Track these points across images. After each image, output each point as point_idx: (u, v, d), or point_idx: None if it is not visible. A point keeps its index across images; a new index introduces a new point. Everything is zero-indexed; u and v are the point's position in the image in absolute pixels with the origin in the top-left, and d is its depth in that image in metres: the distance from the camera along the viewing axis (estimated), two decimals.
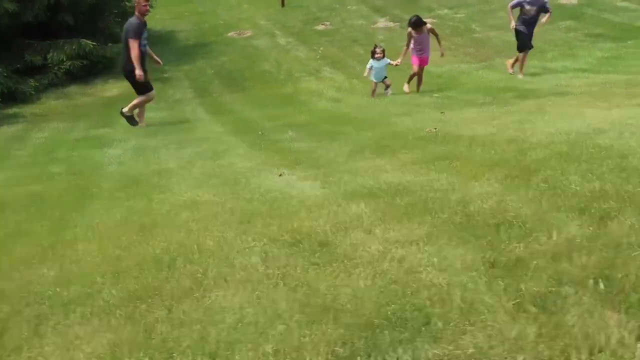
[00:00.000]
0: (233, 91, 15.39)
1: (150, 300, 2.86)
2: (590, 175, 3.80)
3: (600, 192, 3.39)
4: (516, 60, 13.27)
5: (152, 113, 13.02)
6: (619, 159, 4.10)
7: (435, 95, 11.78)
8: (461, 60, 16.39)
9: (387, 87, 12.80)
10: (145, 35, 10.40)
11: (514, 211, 3.29)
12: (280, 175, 6.01)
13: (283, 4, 21.25)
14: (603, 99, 8.49)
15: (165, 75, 16.64)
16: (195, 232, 3.91)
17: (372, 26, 19.48)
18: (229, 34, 19.25)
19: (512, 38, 13.76)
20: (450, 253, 2.83)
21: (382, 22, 19.69)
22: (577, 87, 10.34)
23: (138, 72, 10.19)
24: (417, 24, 12.14)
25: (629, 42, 16.71)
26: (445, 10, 20.45)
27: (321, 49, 17.74)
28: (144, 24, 10.45)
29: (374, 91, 12.90)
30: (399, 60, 12.57)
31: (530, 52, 13.75)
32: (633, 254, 2.45)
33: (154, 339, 2.47)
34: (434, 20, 19.57)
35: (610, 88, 10.05)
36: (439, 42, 12.51)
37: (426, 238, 3.09)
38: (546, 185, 3.74)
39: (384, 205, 3.92)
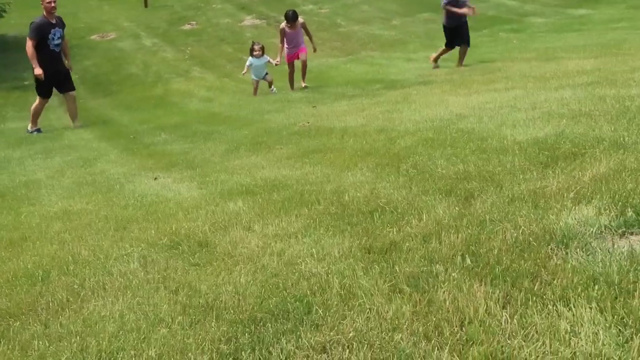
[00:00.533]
0: (99, 96, 14.90)
1: (24, 317, 2.74)
2: (454, 158, 3.99)
3: (464, 174, 3.57)
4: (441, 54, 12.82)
5: (14, 123, 12.40)
6: (479, 142, 4.33)
7: (306, 90, 11.92)
8: (328, 54, 16.67)
9: (271, 84, 12.55)
10: (57, 34, 10.12)
11: (386, 197, 3.41)
12: (155, 178, 5.91)
13: (146, 5, 20.78)
14: (463, 86, 8.90)
15: (26, 83, 15.86)
16: (69, 243, 3.78)
17: (239, 24, 19.44)
18: (92, 37, 18.62)
19: (376, 30, 14.19)
20: (328, 242, 2.89)
21: (248, 20, 19.69)
22: (439, 76, 10.79)
23: (36, 70, 10.00)
24: (293, 17, 11.82)
25: (484, 31, 17.59)
26: (310, 6, 20.71)
27: (189, 49, 17.51)
28: (51, 23, 10.10)
29: (255, 89, 12.57)
30: (277, 59, 12.20)
31: (392, 43, 14.22)
32: (495, 229, 2.60)
33: (30, 355, 2.37)
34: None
35: (469, 75, 10.54)
36: (310, 37, 12.32)
37: (304, 230, 3.15)
38: (415, 171, 3.90)
39: (261, 201, 3.95)
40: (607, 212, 2.58)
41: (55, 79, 10.34)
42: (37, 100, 10.49)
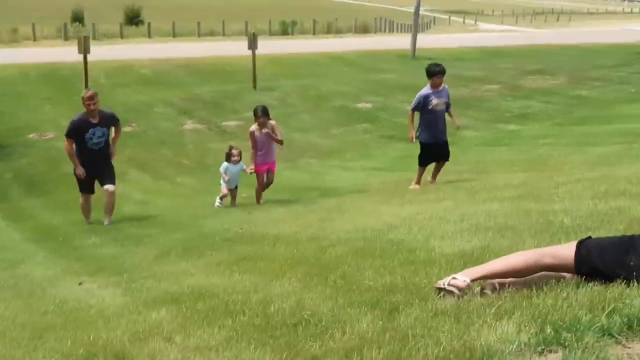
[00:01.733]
0: (34, 195, 14.57)
1: None
2: (382, 270, 3.99)
3: (391, 286, 3.56)
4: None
5: None
6: (407, 253, 4.36)
7: (243, 195, 11.93)
8: None
9: (234, 198, 11.37)
10: (97, 133, 9.77)
11: (312, 309, 3.35)
12: (80, 284, 5.72)
13: None
14: (397, 196, 9.07)
15: None
16: None
17: (179, 128, 19.56)
18: (30, 136, 18.37)
19: (315, 139, 14.40)
20: (249, 357, 2.81)
21: (189, 124, 19.85)
22: (374, 185, 10.99)
23: (77, 170, 9.92)
24: (263, 112, 10.42)
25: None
26: (251, 113, 21.03)
27: (128, 150, 17.41)
28: (89, 122, 9.73)
29: (222, 197, 11.23)
30: (252, 167, 10.65)
31: (329, 151, 14.45)
32: (417, 345, 2.57)
33: None
34: (241, 123, 20.10)
35: (403, 185, 10.78)
36: (279, 141, 10.86)
37: (225, 343, 3.05)
38: (343, 282, 3.87)
39: (185, 310, 3.83)
40: (526, 329, 2.59)
41: (96, 175, 10.12)
42: (81, 197, 10.33)
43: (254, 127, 10.58)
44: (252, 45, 23.58)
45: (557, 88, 25.67)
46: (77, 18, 42.22)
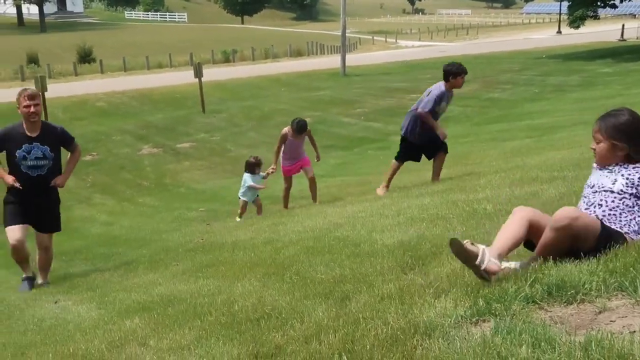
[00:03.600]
0: (1, 223, 14.11)
1: None
2: (332, 263, 4.02)
3: (341, 277, 3.60)
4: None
5: None
6: (353, 247, 4.40)
7: (201, 209, 11.82)
8: (221, 176, 16.73)
9: (260, 207, 9.92)
10: (35, 152, 6.24)
11: (272, 304, 3.36)
12: (55, 302, 5.56)
13: None
14: (339, 199, 9.13)
15: None
16: None
17: (137, 153, 19.25)
18: None
19: (262, 153, 14.22)
20: (219, 352, 2.79)
21: (146, 149, 19.55)
22: (319, 190, 11.00)
23: (6, 179, 6.24)
24: (302, 129, 9.06)
25: (355, 149, 18.32)
26: (203, 134, 20.90)
27: (90, 177, 17.06)
28: (26, 136, 6.23)
29: (242, 212, 9.67)
30: (273, 166, 9.36)
31: None
32: (368, 327, 2.61)
33: None
34: (194, 144, 19.90)
35: (345, 188, 10.86)
36: (315, 146, 9.74)
37: (196, 341, 3.03)
38: (298, 277, 3.88)
39: (157, 316, 3.79)
40: (462, 304, 2.65)
41: (31, 212, 6.41)
42: (7, 233, 6.46)
43: (287, 129, 9.14)
44: (198, 73, 23.44)
45: (472, 93, 26.22)
46: (32, 60, 41.09)
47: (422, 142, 8.25)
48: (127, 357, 3.05)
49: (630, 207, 3.01)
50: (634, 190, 3.00)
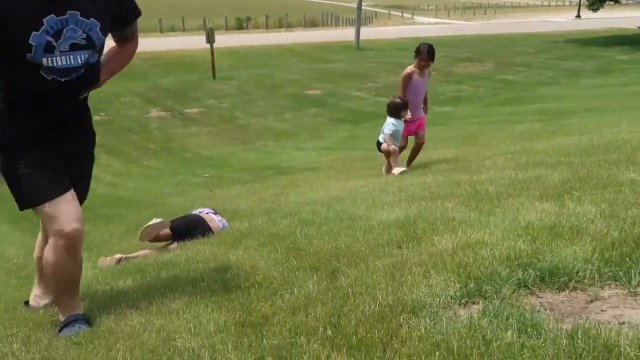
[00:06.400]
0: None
1: None
2: (327, 237, 3.99)
3: (334, 251, 3.57)
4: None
5: None
6: (350, 221, 4.36)
7: (205, 175, 11.82)
8: (228, 143, 16.70)
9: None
10: (67, 36, 2.86)
11: (264, 274, 3.34)
12: None
13: None
14: (344, 172, 9.09)
15: None
16: None
17: (145, 115, 19.23)
18: None
19: (271, 123, 14.20)
20: (206, 318, 2.78)
21: (154, 112, 19.52)
22: (324, 163, 10.99)
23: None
24: (430, 54, 7.44)
25: (364, 124, 18.22)
26: (212, 101, 20.83)
27: (98, 137, 17.07)
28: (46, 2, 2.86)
29: (391, 166, 7.58)
30: (407, 113, 7.47)
31: (284, 134, 14.37)
32: (356, 302, 2.59)
33: None
34: (202, 109, 19.85)
35: (350, 162, 10.81)
36: (425, 98, 7.90)
37: (185, 306, 3.02)
38: (292, 248, 3.86)
39: (149, 279, 3.78)
40: (453, 284, 2.63)
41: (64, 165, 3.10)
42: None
43: (411, 68, 7.55)
44: (210, 39, 23.26)
45: (485, 73, 26.01)
46: None
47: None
48: (115, 317, 3.05)
49: None
50: None
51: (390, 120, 7.43)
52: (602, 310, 2.33)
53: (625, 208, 3.46)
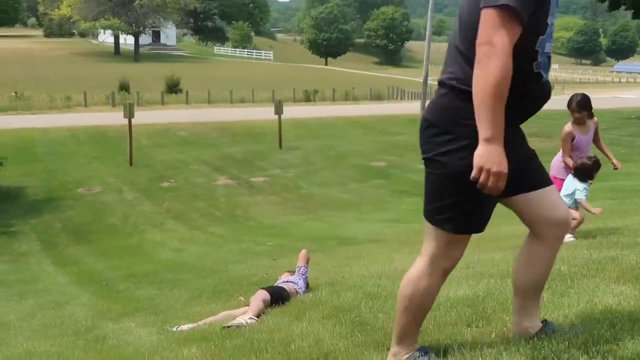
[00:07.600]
0: (79, 243, 14.67)
1: None
2: (393, 312, 3.92)
3: None
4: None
5: None
6: None
7: (269, 244, 11.92)
8: (291, 213, 16.85)
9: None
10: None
11: (328, 347, 3.31)
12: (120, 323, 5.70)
13: (131, 163, 21.06)
14: (408, 245, 9.00)
15: (12, 229, 15.62)
16: None
17: (212, 183, 19.70)
18: (78, 190, 18.61)
19: (334, 193, 14.12)
20: None
21: (221, 180, 19.99)
22: (388, 235, 10.92)
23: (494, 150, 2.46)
24: (583, 105, 6.58)
25: None
26: (277, 170, 21.21)
27: (165, 203, 17.58)
28: None
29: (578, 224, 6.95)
30: (615, 161, 7.19)
31: (347, 205, 14.27)
32: None
33: None
34: (267, 178, 20.22)
35: (414, 235, 10.69)
36: (604, 146, 7.19)
37: None
38: (357, 322, 3.82)
39: (214, 347, 3.80)
40: None
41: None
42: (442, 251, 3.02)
43: (570, 126, 6.80)
44: (278, 110, 23.95)
45: (552, 148, 25.59)
46: (124, 87, 43.12)
47: None
48: None
49: None
50: None
51: (581, 185, 6.74)
52: None
53: None
